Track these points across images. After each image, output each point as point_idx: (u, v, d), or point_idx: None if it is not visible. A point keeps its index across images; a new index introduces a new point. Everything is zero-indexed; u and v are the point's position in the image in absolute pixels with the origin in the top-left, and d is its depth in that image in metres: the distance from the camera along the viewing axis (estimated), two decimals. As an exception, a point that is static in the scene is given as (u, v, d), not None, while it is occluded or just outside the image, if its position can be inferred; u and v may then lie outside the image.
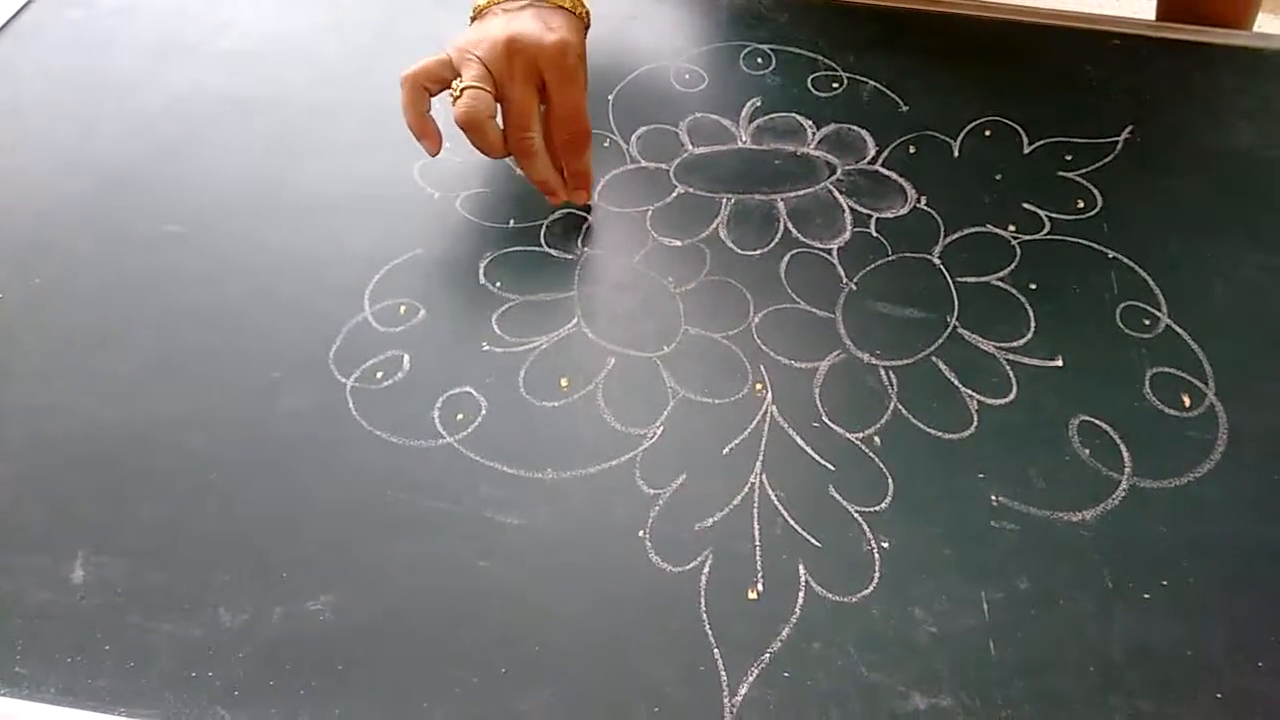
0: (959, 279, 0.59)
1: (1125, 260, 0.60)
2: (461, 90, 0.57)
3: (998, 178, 0.65)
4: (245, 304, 0.57)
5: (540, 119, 0.59)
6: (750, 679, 0.44)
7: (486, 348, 0.55)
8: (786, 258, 0.60)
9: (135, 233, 0.61)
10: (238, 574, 0.47)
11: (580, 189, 0.62)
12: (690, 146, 0.67)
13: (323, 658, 0.44)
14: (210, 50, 0.73)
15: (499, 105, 0.59)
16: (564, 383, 0.54)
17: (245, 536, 0.48)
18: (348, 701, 0.43)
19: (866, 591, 0.46)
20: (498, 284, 0.58)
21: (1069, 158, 0.66)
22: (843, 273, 0.59)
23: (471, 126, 0.57)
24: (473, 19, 0.62)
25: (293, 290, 0.58)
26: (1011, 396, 0.53)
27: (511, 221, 0.62)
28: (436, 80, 0.59)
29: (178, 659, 0.44)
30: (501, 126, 0.59)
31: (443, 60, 0.59)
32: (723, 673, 0.44)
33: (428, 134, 0.60)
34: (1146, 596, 0.46)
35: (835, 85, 0.71)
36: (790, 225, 0.62)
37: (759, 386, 0.54)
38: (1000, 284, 0.59)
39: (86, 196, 0.63)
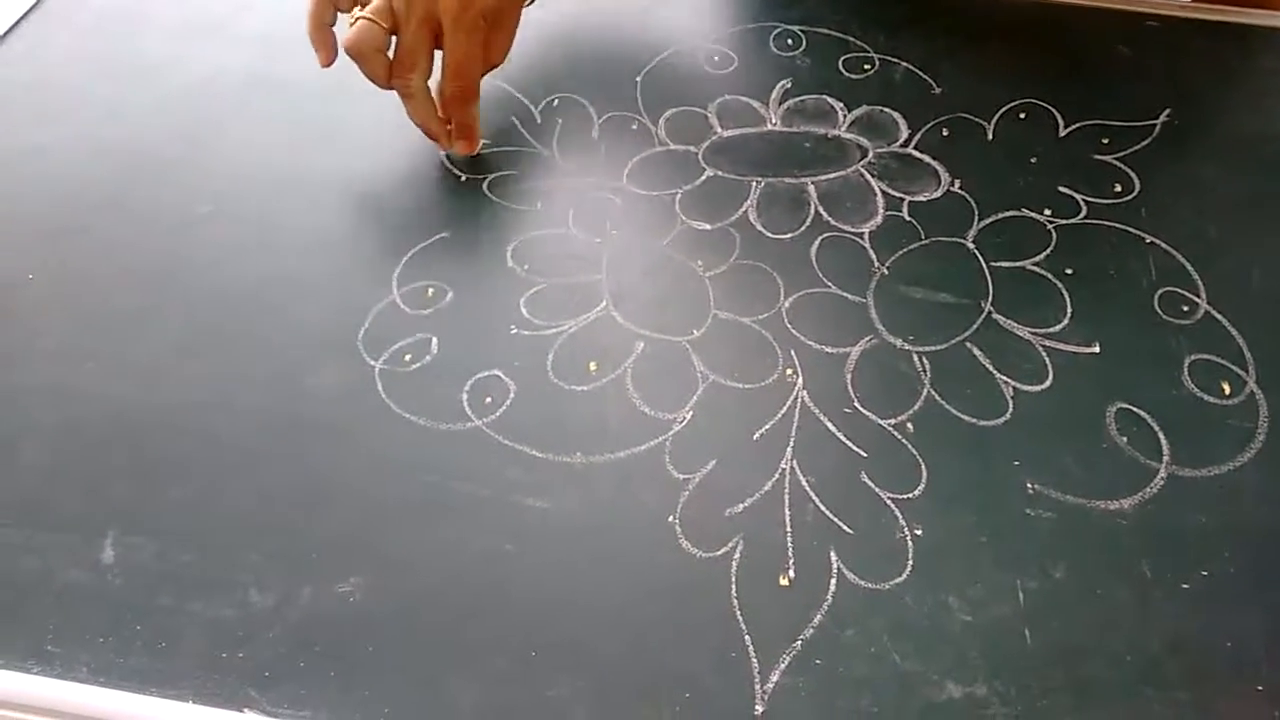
0: (993, 263, 0.58)
1: (1163, 245, 0.59)
2: (356, 19, 0.59)
3: (1033, 161, 0.64)
4: (273, 286, 0.57)
5: (430, 65, 0.60)
6: (782, 666, 0.43)
7: (515, 331, 0.55)
8: (817, 241, 0.60)
9: (163, 214, 0.61)
10: (267, 555, 0.46)
11: (462, 139, 0.63)
12: (719, 129, 0.66)
13: (352, 639, 0.44)
14: (236, 31, 0.73)
15: (393, 40, 0.60)
16: (593, 366, 0.53)
17: (274, 518, 0.48)
18: (377, 683, 0.43)
19: (899, 579, 0.46)
20: (525, 267, 0.58)
21: (1105, 141, 0.65)
22: (874, 257, 0.59)
23: (356, 55, 0.59)
24: None
25: (320, 272, 0.58)
26: (1047, 383, 0.53)
27: (539, 204, 0.61)
28: (332, 9, 0.61)
29: (208, 639, 0.44)
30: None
31: None
32: (754, 660, 0.43)
33: (323, 45, 0.61)
34: (1185, 586, 0.46)
35: (867, 67, 0.70)
36: (821, 209, 0.61)
37: (790, 371, 0.53)
38: (1036, 269, 0.58)
39: (113, 178, 0.63)
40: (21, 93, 0.69)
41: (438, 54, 0.61)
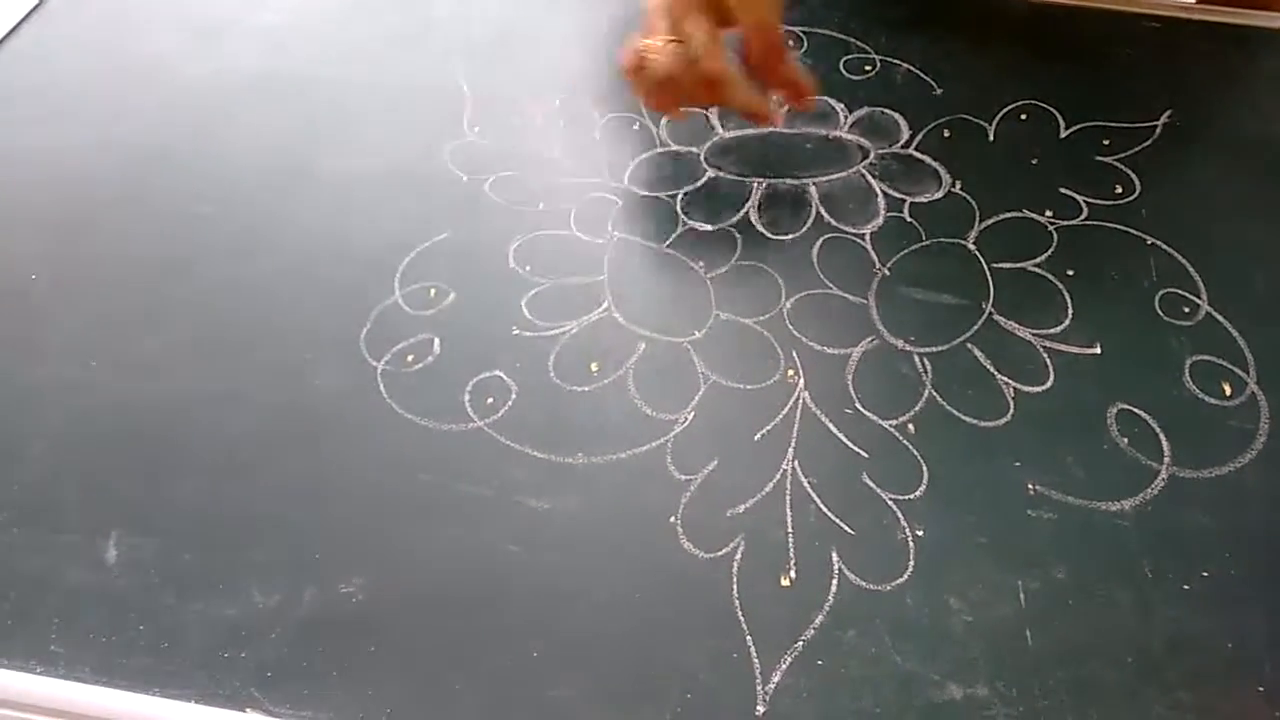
0: (994, 264, 0.58)
1: (1164, 246, 0.59)
2: (662, 44, 0.54)
3: (1034, 162, 0.64)
4: (276, 285, 0.57)
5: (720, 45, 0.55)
6: (783, 666, 0.43)
7: (516, 332, 0.55)
8: (819, 242, 0.60)
9: (167, 212, 0.61)
10: (270, 555, 0.47)
11: (796, 95, 0.58)
12: (721, 130, 0.66)
13: (354, 639, 0.44)
14: (242, 29, 0.73)
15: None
16: (594, 367, 0.53)
17: (277, 518, 0.48)
18: (379, 683, 0.43)
19: (901, 580, 0.46)
20: (527, 268, 0.58)
21: (1106, 142, 0.65)
22: (876, 258, 0.59)
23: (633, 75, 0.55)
24: None
25: (324, 271, 0.58)
26: (1048, 384, 0.53)
27: (541, 205, 0.61)
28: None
29: (211, 639, 0.44)
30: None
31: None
32: (755, 660, 0.44)
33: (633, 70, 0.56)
34: (1186, 587, 0.46)
35: (868, 68, 0.70)
36: (822, 210, 0.61)
37: (791, 372, 0.53)
38: (1037, 270, 0.58)
39: (119, 175, 0.63)
40: (26, 91, 0.69)
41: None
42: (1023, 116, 0.67)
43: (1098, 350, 0.54)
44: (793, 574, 0.46)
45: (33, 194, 0.62)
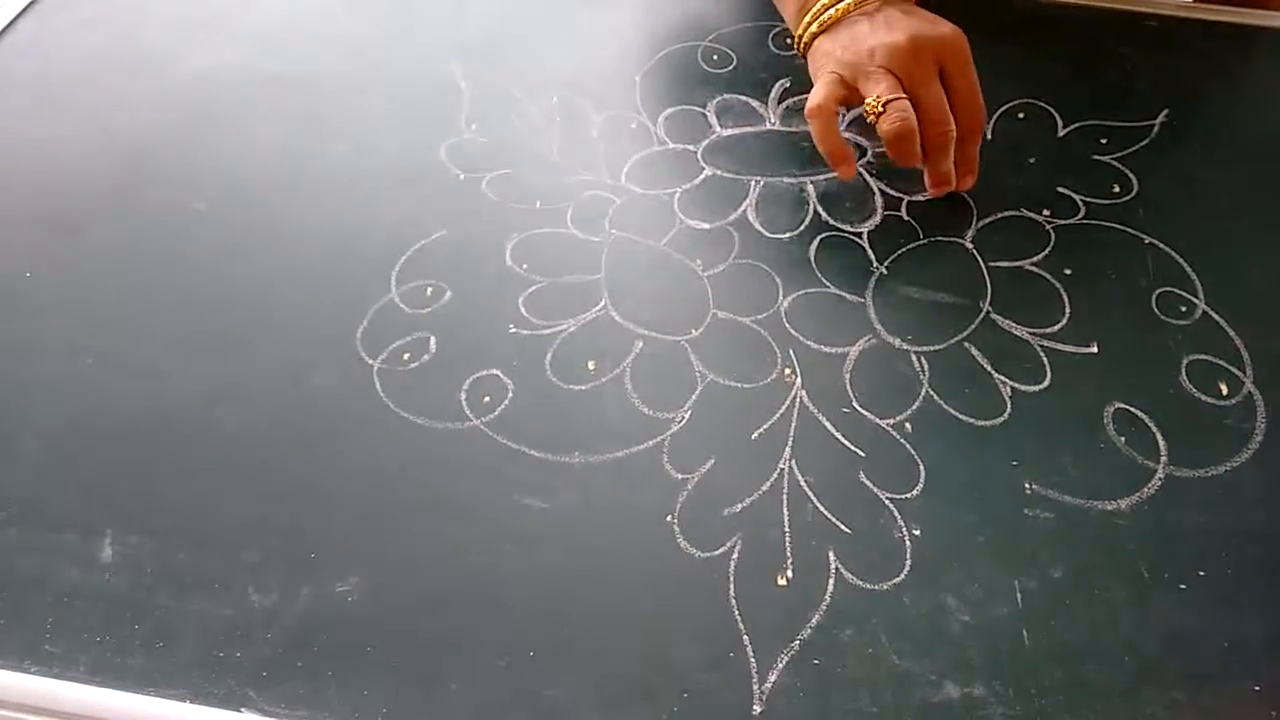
0: (992, 263, 0.58)
1: (1161, 246, 0.59)
2: (885, 104, 0.56)
3: (1031, 161, 0.64)
4: (272, 283, 0.57)
5: None
6: (780, 666, 0.43)
7: (513, 330, 0.55)
8: (816, 241, 0.60)
9: (162, 210, 0.61)
10: (266, 555, 0.46)
11: (969, 175, 0.60)
12: (718, 128, 0.66)
13: (350, 639, 0.44)
14: (236, 27, 0.73)
15: None
16: (591, 366, 0.53)
17: (273, 517, 0.48)
18: (375, 683, 0.43)
19: (897, 579, 0.46)
20: (524, 266, 0.58)
21: (1104, 141, 0.65)
22: (873, 256, 0.59)
23: (904, 138, 0.56)
24: (815, 31, 0.60)
25: (320, 270, 0.58)
26: (1045, 383, 0.53)
27: (538, 203, 0.61)
28: (842, 103, 0.59)
29: (206, 639, 0.44)
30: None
31: (833, 80, 0.58)
32: (752, 659, 0.44)
33: (847, 159, 0.59)
34: (1183, 587, 0.46)
35: (865, 66, 0.70)
36: (820, 208, 0.61)
37: (788, 371, 0.53)
38: (1034, 269, 0.58)
39: (114, 174, 0.63)
40: (21, 87, 0.68)
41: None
42: (1020, 115, 0.67)
43: (1095, 349, 0.54)
44: (789, 573, 0.46)
45: (27, 190, 0.62)
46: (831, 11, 0.60)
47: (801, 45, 0.62)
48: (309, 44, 0.72)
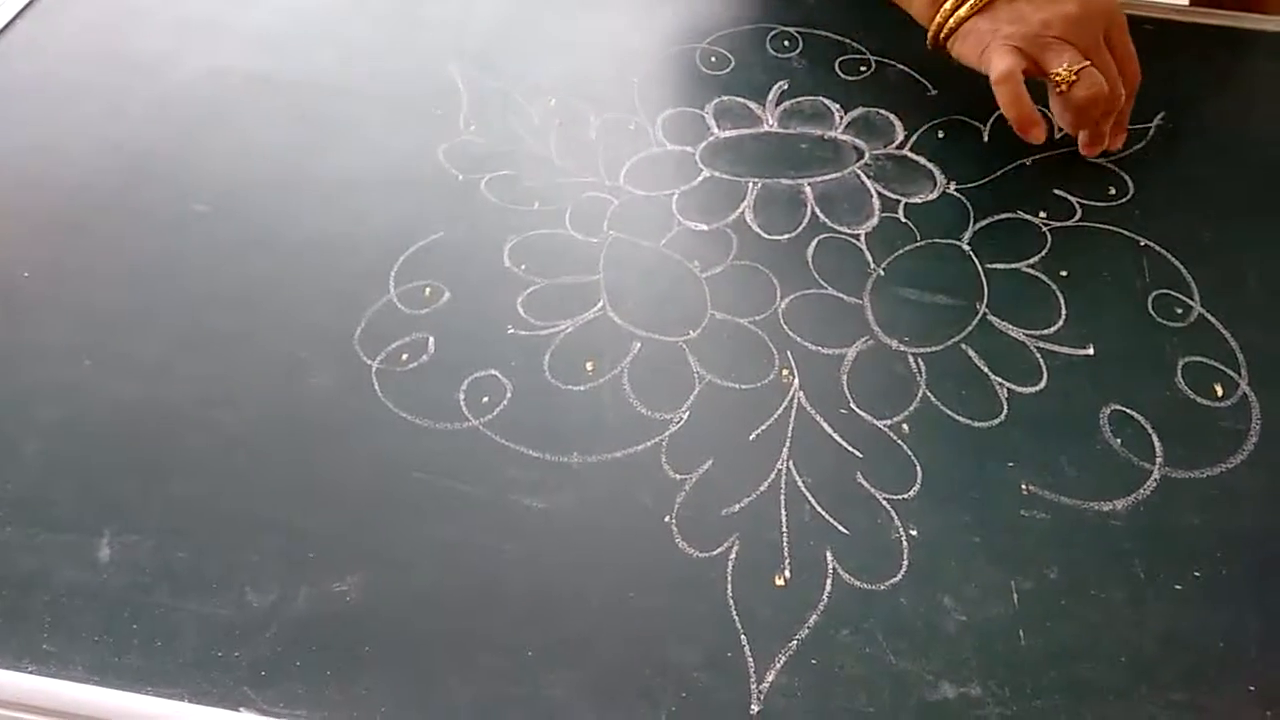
0: (989, 265, 0.58)
1: (1157, 248, 0.59)
2: (1077, 73, 0.57)
3: (1028, 163, 0.64)
4: (271, 284, 0.57)
5: None
6: (777, 666, 0.43)
7: (511, 331, 0.55)
8: (814, 243, 0.60)
9: (161, 212, 0.61)
10: (264, 554, 0.46)
11: (1122, 131, 0.63)
12: (716, 130, 0.66)
13: (349, 639, 0.44)
14: (235, 29, 0.73)
15: None
16: (589, 366, 0.53)
17: (271, 517, 0.48)
18: (373, 682, 0.43)
19: (895, 579, 0.46)
20: (522, 267, 0.58)
21: (1100, 143, 0.65)
22: (870, 258, 0.59)
23: (1098, 103, 0.58)
24: (964, 15, 0.61)
25: (318, 271, 0.58)
26: (1042, 385, 0.53)
27: (536, 204, 0.61)
28: (1026, 74, 0.59)
29: (204, 638, 0.44)
30: None
31: (1013, 50, 0.59)
32: (750, 659, 0.44)
33: (1037, 123, 0.60)
34: (1178, 587, 0.46)
35: (863, 69, 0.71)
36: (818, 210, 0.62)
37: (786, 372, 0.53)
38: (1031, 271, 0.58)
39: (112, 175, 0.63)
40: (20, 88, 0.69)
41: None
42: (1017, 118, 0.67)
43: (1091, 351, 0.54)
44: (787, 573, 0.46)
45: (25, 192, 0.62)
46: None
47: (944, 31, 0.62)
48: (308, 46, 0.72)
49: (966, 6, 0.60)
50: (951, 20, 0.61)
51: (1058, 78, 0.58)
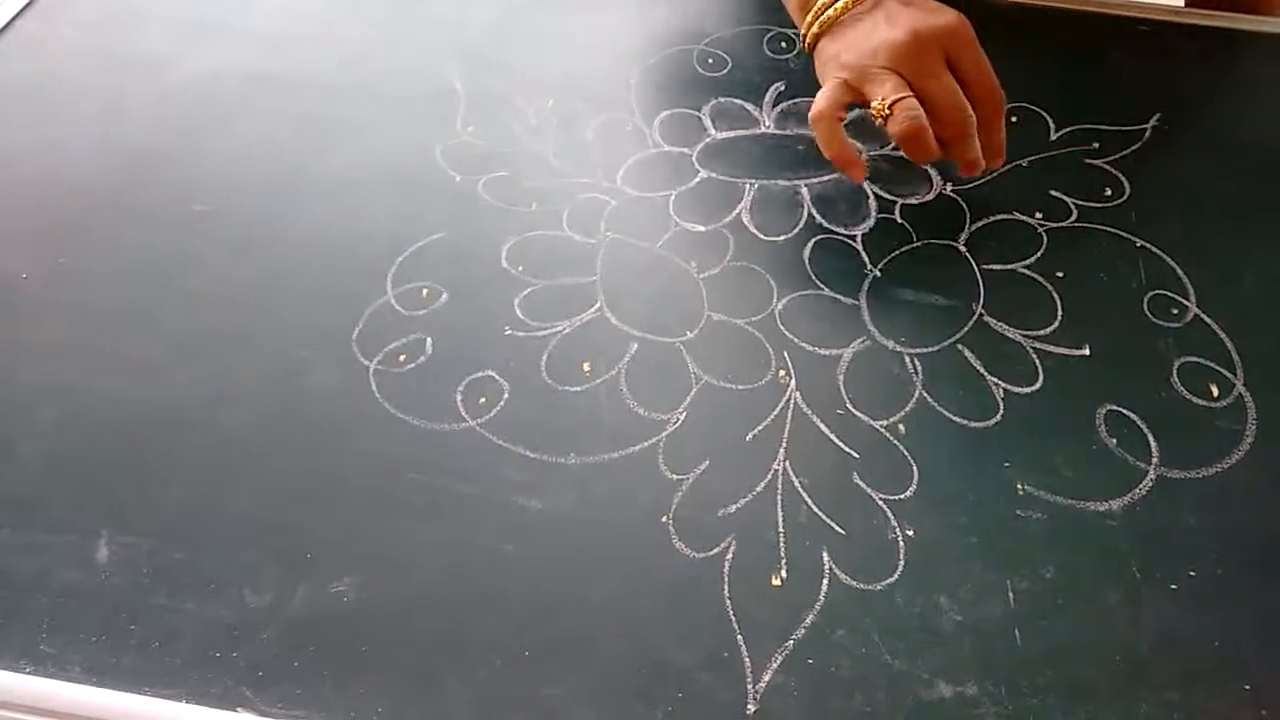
0: (985, 266, 0.59)
1: (1153, 249, 0.60)
2: (891, 106, 0.55)
3: (1024, 164, 0.64)
4: (269, 285, 0.57)
5: None
6: (774, 665, 0.44)
7: (509, 332, 0.55)
8: (810, 244, 0.60)
9: (160, 212, 0.61)
10: (262, 555, 0.47)
11: (997, 156, 0.59)
12: (713, 131, 0.67)
13: (346, 639, 0.44)
14: (235, 29, 0.73)
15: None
16: (586, 367, 0.54)
17: (269, 518, 0.48)
18: (371, 683, 0.43)
19: (891, 579, 0.46)
20: (520, 268, 0.58)
21: (1096, 145, 0.66)
22: (867, 259, 0.59)
23: (914, 137, 0.55)
24: (817, 33, 0.60)
25: (316, 271, 0.58)
26: (1038, 385, 0.53)
27: (534, 205, 0.62)
28: (843, 108, 0.58)
29: (202, 639, 0.44)
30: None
31: (837, 85, 0.57)
32: (746, 659, 0.44)
33: (854, 163, 0.58)
34: (1174, 587, 0.46)
35: (860, 70, 0.70)
36: (814, 211, 0.62)
37: (782, 373, 0.54)
38: (1027, 272, 0.58)
39: (112, 175, 0.63)
40: (19, 89, 0.69)
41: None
42: (1013, 119, 0.67)
43: (1087, 351, 0.55)
44: (784, 573, 0.46)
45: (24, 192, 0.62)
46: (831, 11, 0.59)
47: (806, 46, 0.61)
48: (307, 46, 0.72)
49: (819, 23, 0.59)
50: (809, 37, 0.60)
51: (874, 111, 0.56)
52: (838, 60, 0.58)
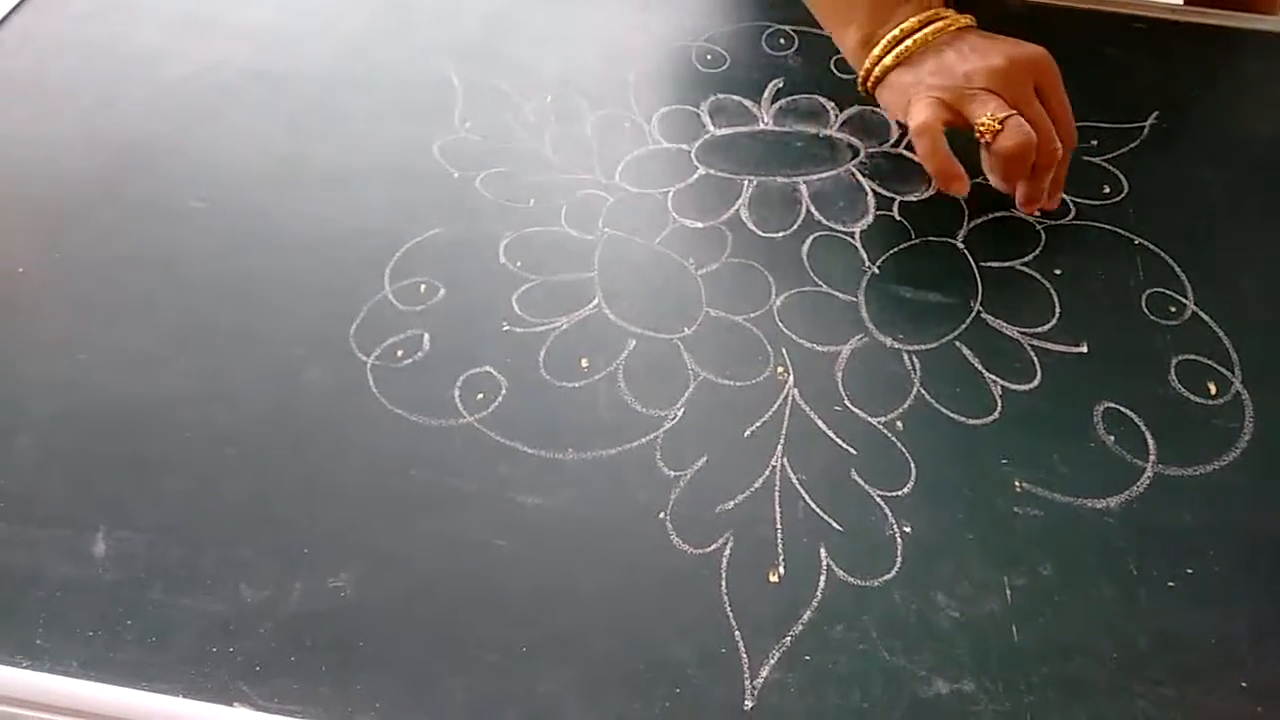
0: (983, 263, 0.59)
1: (1151, 246, 0.60)
2: (1001, 122, 0.55)
3: (1022, 162, 0.64)
4: (266, 279, 0.57)
5: None
6: (771, 661, 0.44)
7: (507, 328, 0.55)
8: (809, 240, 0.60)
9: (157, 206, 0.61)
10: (259, 550, 0.47)
11: (1058, 192, 0.60)
12: (712, 128, 0.67)
13: (343, 634, 0.44)
14: (232, 23, 0.73)
15: None
16: (584, 363, 0.54)
17: (266, 513, 0.48)
18: (368, 678, 0.43)
19: (888, 576, 0.46)
20: (518, 264, 0.58)
21: (1094, 142, 0.66)
22: (865, 256, 0.59)
23: (1025, 154, 0.55)
24: (889, 65, 0.59)
25: (314, 266, 0.58)
26: (1035, 382, 0.53)
27: (532, 201, 0.62)
28: (948, 125, 0.57)
29: (199, 634, 0.44)
30: None
31: (934, 103, 0.57)
32: (744, 655, 0.44)
33: (959, 176, 0.58)
34: (1171, 584, 0.46)
35: (858, 67, 0.70)
36: (812, 208, 0.62)
37: (780, 369, 0.54)
38: (1025, 269, 0.58)
39: (108, 169, 0.63)
40: (15, 83, 0.68)
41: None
42: (1012, 116, 0.67)
43: (1084, 349, 0.55)
44: (781, 570, 0.46)
45: (20, 187, 0.62)
46: (909, 42, 0.58)
47: (871, 79, 0.60)
48: (303, 41, 0.72)
49: (892, 55, 0.58)
50: (878, 69, 0.59)
51: (982, 127, 0.56)
52: (925, 84, 0.57)
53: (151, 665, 0.43)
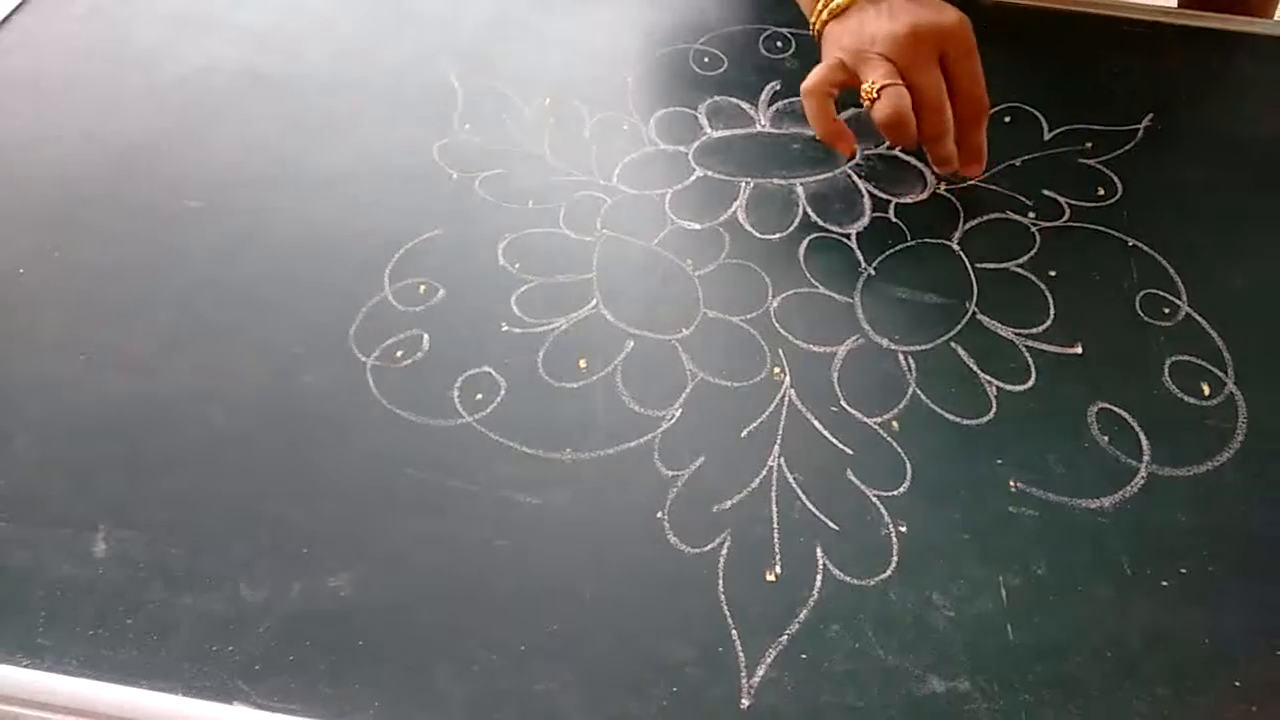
0: (978, 265, 0.59)
1: (1145, 248, 0.60)
2: (879, 90, 0.56)
3: (1017, 164, 0.65)
4: (265, 280, 0.57)
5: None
6: (768, 660, 0.44)
7: (505, 328, 0.55)
8: (805, 242, 0.60)
9: (155, 207, 0.61)
10: (258, 549, 0.47)
11: (975, 162, 0.61)
12: (709, 130, 0.67)
13: (342, 633, 0.44)
14: (230, 24, 0.73)
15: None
16: (583, 364, 0.54)
17: (266, 512, 0.48)
18: (366, 677, 0.43)
19: (884, 575, 0.46)
20: (517, 265, 0.58)
21: (1089, 145, 0.66)
22: (861, 257, 0.59)
23: (897, 123, 0.56)
24: (825, 19, 0.61)
25: (313, 267, 0.58)
26: (1030, 383, 0.53)
27: (530, 203, 0.62)
28: (837, 85, 0.59)
29: (198, 633, 0.44)
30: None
31: (832, 65, 0.59)
32: (740, 654, 0.44)
33: (844, 137, 0.60)
34: (1165, 584, 0.46)
35: (855, 69, 0.71)
36: (809, 210, 0.62)
37: (777, 370, 0.54)
38: (1020, 270, 0.59)
39: (106, 170, 0.63)
40: (14, 83, 0.69)
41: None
42: (1007, 119, 0.67)
43: (1079, 350, 0.55)
44: (778, 569, 0.47)
45: (19, 188, 0.62)
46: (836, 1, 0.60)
47: (816, 33, 0.62)
48: (303, 42, 0.72)
49: (827, 11, 0.61)
50: (818, 23, 0.62)
51: (862, 93, 0.57)
52: (838, 43, 0.59)
53: (151, 664, 0.43)
